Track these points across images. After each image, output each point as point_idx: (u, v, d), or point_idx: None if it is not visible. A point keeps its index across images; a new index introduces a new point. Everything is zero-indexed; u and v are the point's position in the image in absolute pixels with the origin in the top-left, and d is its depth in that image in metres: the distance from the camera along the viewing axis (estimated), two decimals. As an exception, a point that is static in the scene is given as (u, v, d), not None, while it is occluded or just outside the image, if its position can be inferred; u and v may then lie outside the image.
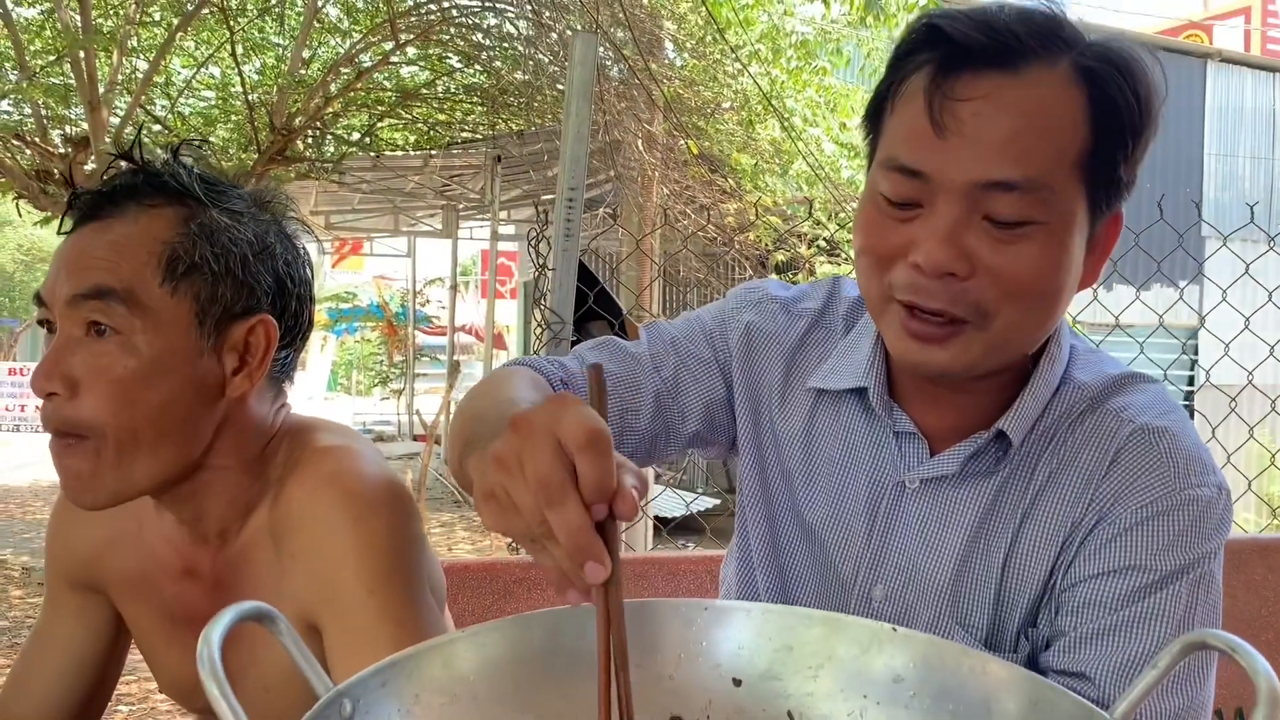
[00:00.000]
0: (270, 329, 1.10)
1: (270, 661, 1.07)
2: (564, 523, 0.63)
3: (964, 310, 0.92)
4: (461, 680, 0.76)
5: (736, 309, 1.19)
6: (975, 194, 0.89)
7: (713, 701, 0.81)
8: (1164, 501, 0.96)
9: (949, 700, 0.75)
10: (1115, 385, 1.05)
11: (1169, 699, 0.94)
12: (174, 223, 1.07)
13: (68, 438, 1.04)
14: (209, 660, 0.58)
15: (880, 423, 1.08)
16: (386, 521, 1.07)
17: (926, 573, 1.04)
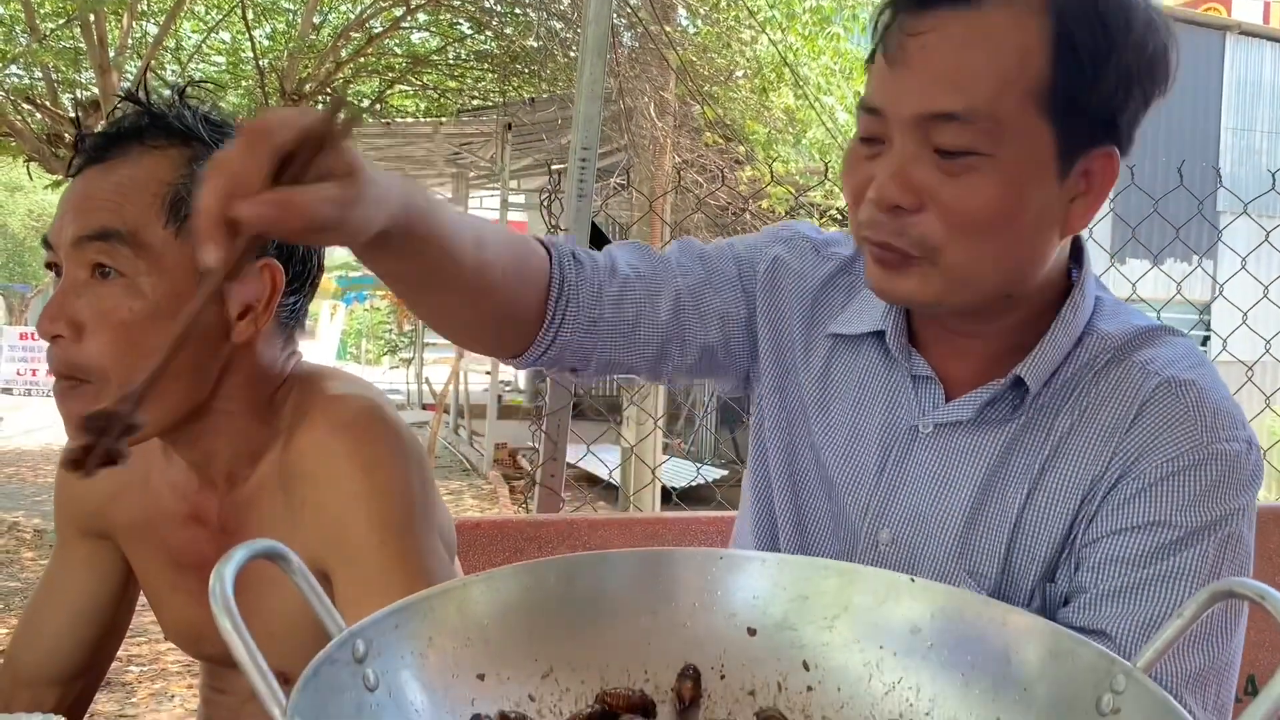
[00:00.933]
0: (276, 274, 1.09)
1: (276, 608, 1.07)
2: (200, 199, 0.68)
3: (908, 244, 0.92)
4: (475, 624, 0.75)
5: (768, 242, 1.18)
6: (922, 125, 0.90)
7: (727, 650, 0.80)
8: (1191, 455, 0.94)
9: (967, 651, 0.75)
10: (1142, 337, 1.02)
11: (1191, 658, 0.92)
12: (177, 163, 1.06)
13: (72, 380, 1.04)
14: (221, 596, 0.58)
15: (898, 367, 1.07)
16: (396, 469, 1.07)
17: (935, 518, 1.03)
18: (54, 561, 1.28)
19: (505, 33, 9.12)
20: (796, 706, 0.78)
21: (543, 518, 1.78)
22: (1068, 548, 0.99)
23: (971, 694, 0.73)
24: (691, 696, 0.78)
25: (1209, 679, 0.92)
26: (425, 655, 0.72)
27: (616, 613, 0.80)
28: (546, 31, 8.54)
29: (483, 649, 0.75)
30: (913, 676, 0.76)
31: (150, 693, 4.47)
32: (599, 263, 1.11)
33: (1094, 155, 0.93)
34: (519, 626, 0.77)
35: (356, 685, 0.66)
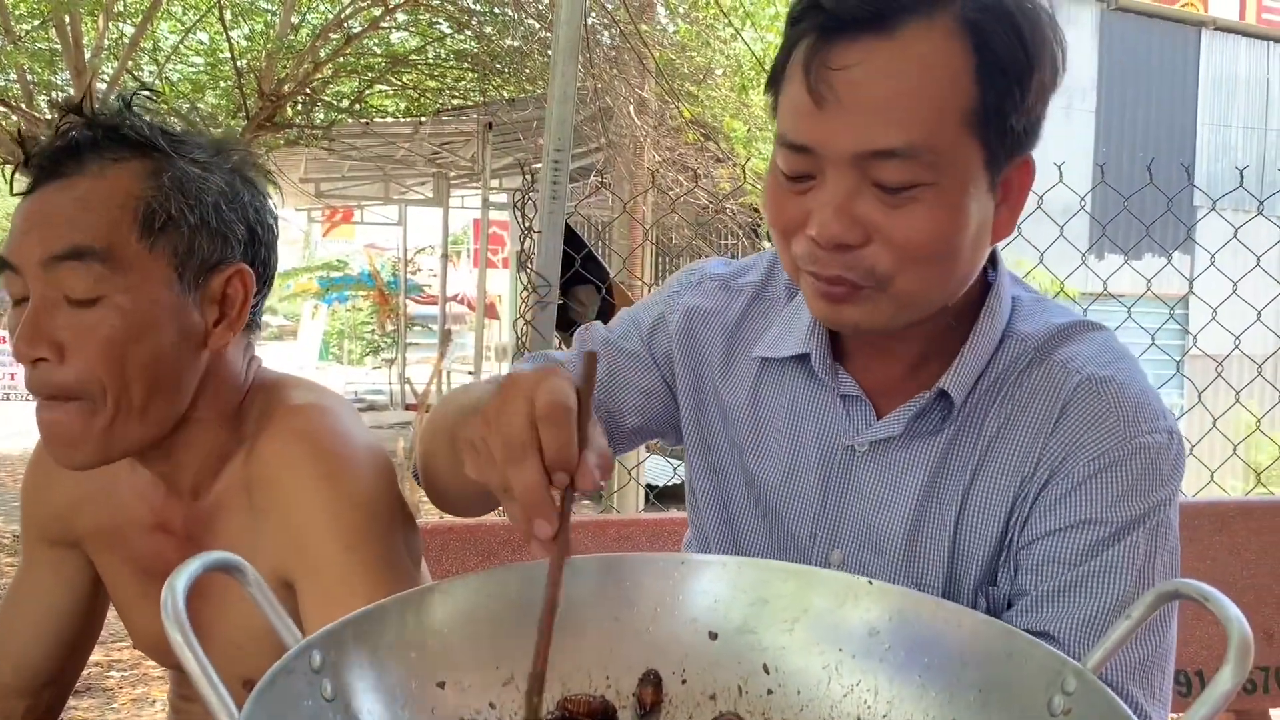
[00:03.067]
0: (247, 278, 1.10)
1: (240, 619, 1.07)
2: (520, 479, 0.70)
3: (859, 276, 0.92)
4: (435, 632, 0.76)
5: (676, 294, 1.18)
6: (860, 163, 0.88)
7: (688, 655, 0.81)
8: (1115, 452, 0.96)
9: (924, 653, 0.75)
10: (1061, 335, 1.03)
11: (1134, 650, 0.94)
12: (142, 175, 1.05)
13: (58, 399, 1.03)
14: (173, 608, 0.58)
15: (825, 387, 1.07)
16: (359, 478, 1.07)
17: (881, 534, 1.04)
18: (21, 571, 1.28)
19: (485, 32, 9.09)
20: (757, 710, 0.78)
21: (514, 521, 1.78)
22: (1005, 550, 1.01)
23: (928, 695, 0.74)
24: (653, 701, 0.78)
25: (1152, 669, 0.95)
26: (384, 664, 0.72)
27: (578, 618, 0.80)
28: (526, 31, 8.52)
29: (443, 657, 0.75)
30: (871, 679, 0.77)
31: (131, 698, 4.44)
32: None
33: (1014, 164, 0.95)
34: (479, 634, 0.77)
35: (314, 696, 0.66)
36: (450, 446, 0.96)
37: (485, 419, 0.74)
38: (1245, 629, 0.58)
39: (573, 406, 0.71)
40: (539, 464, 0.70)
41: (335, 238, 20.73)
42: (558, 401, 0.71)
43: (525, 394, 0.72)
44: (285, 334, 26.14)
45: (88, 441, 1.03)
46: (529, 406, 0.71)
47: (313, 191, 13.74)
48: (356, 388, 15.79)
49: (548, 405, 0.71)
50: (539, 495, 0.70)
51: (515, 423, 0.71)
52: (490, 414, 0.74)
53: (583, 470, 0.71)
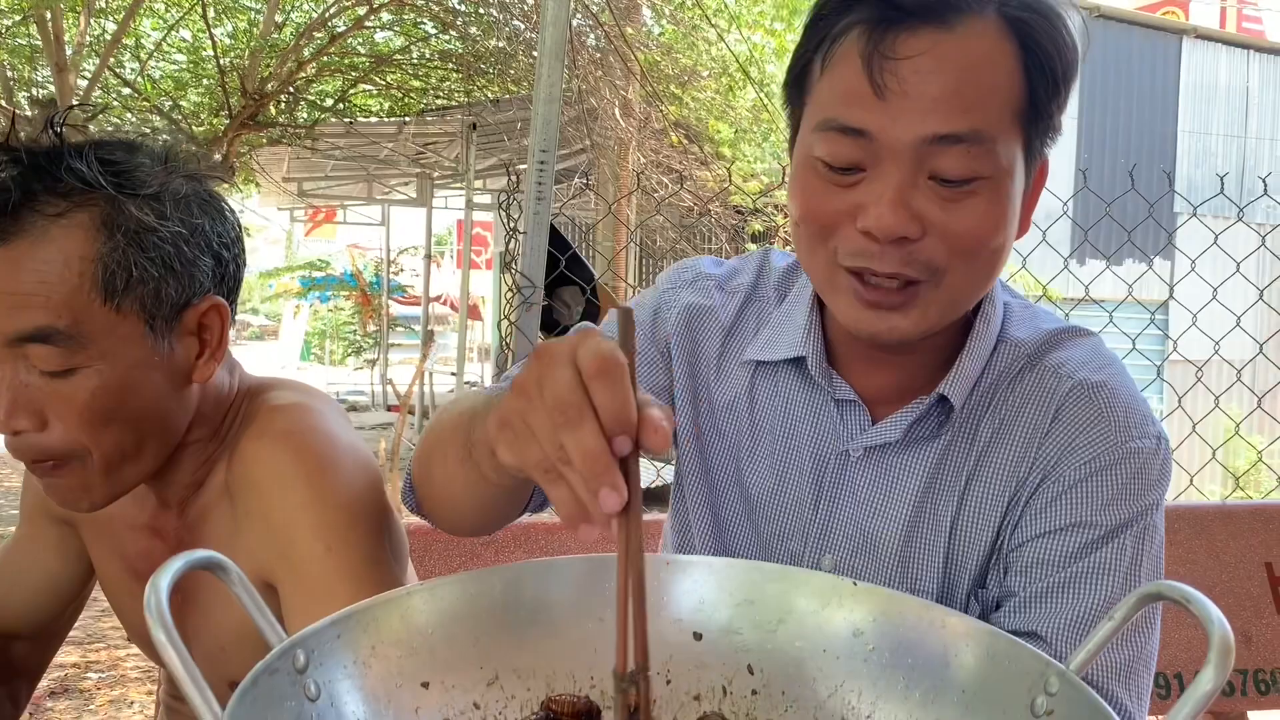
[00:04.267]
0: (222, 311, 1.07)
1: (226, 621, 1.06)
2: (579, 445, 0.60)
3: (917, 270, 0.91)
4: (419, 633, 0.75)
5: (672, 290, 1.17)
6: (922, 152, 0.88)
7: (674, 655, 0.80)
8: (1106, 456, 0.98)
9: (908, 654, 0.75)
10: (1051, 340, 1.05)
11: (1118, 652, 0.95)
12: (90, 231, 0.98)
13: (48, 463, 1.01)
14: (156, 608, 0.57)
15: (819, 391, 1.07)
16: (341, 477, 1.06)
17: (875, 540, 1.04)
18: (19, 541, 1.27)
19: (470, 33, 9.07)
20: (742, 710, 0.78)
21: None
22: (996, 553, 1.01)
23: (912, 696, 0.74)
24: (637, 703, 0.78)
25: (1136, 670, 0.96)
26: (368, 664, 0.71)
27: (563, 619, 0.80)
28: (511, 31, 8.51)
29: (427, 657, 0.75)
30: (855, 680, 0.77)
31: (109, 699, 4.41)
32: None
33: (1041, 161, 0.97)
34: (464, 634, 0.77)
35: (297, 695, 0.66)
36: (463, 451, 0.88)
37: (521, 392, 0.64)
38: (1226, 630, 0.58)
39: (624, 360, 0.62)
40: (597, 426, 0.60)
41: (318, 237, 20.64)
42: (608, 355, 0.61)
43: (565, 356, 0.62)
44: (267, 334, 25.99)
45: (89, 492, 1.03)
46: (573, 369, 0.62)
47: (295, 191, 13.68)
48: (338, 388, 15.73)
49: (597, 361, 0.61)
50: (603, 460, 0.60)
51: (562, 385, 0.61)
52: (527, 385, 0.64)
53: (650, 425, 0.61)
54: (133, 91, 9.66)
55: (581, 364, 0.61)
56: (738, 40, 6.79)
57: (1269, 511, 1.92)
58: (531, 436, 0.63)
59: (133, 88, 9.71)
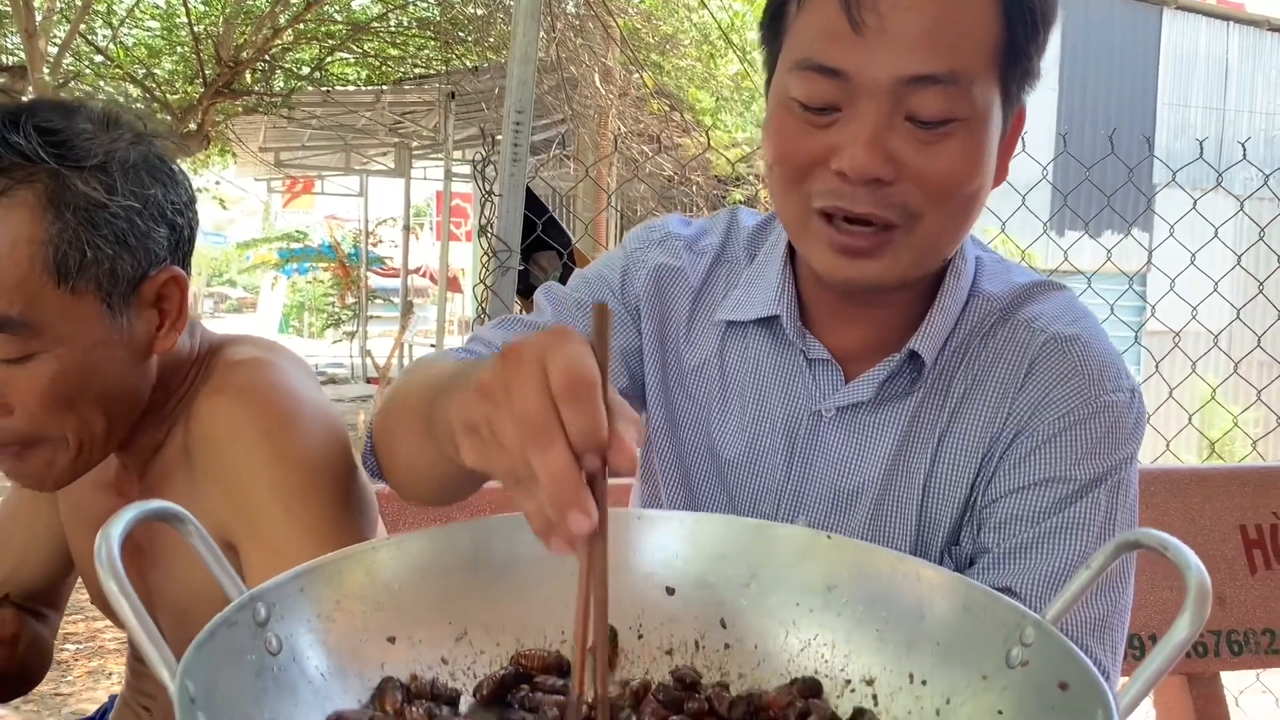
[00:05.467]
0: (181, 281, 1.03)
1: (186, 582, 1.04)
2: (548, 468, 0.57)
3: (892, 214, 0.90)
4: (385, 588, 0.74)
5: (641, 249, 1.14)
6: (898, 91, 0.87)
7: (645, 610, 0.79)
8: (1080, 411, 0.97)
9: (882, 607, 0.75)
10: (1024, 294, 1.04)
11: (1092, 606, 0.95)
12: (37, 211, 0.93)
13: (16, 447, 0.99)
14: (107, 557, 0.55)
15: (791, 351, 1.05)
16: (302, 436, 1.02)
17: (848, 500, 1.04)
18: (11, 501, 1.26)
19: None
20: (714, 665, 0.77)
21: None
22: (969, 510, 1.01)
23: (886, 649, 0.73)
24: (609, 657, 0.77)
25: (1112, 625, 0.96)
26: (332, 619, 0.70)
27: (533, 574, 0.78)
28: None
29: (393, 612, 0.73)
30: (828, 633, 0.76)
31: (87, 670, 4.39)
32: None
33: (1019, 108, 0.95)
34: (431, 590, 0.75)
35: (258, 649, 0.64)
36: (425, 426, 0.86)
37: (487, 396, 0.61)
38: (1204, 577, 0.57)
39: (597, 376, 0.58)
40: (567, 448, 0.57)
41: (295, 208, 20.47)
42: (579, 373, 0.58)
43: (535, 364, 0.59)
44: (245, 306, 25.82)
45: (53, 474, 1.01)
46: (542, 379, 0.58)
47: (272, 161, 13.54)
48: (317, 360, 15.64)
49: (568, 379, 0.57)
50: (572, 484, 0.57)
51: (530, 401, 0.58)
52: (494, 389, 0.60)
53: (619, 446, 0.58)
54: (105, 59, 9.51)
55: (552, 380, 0.58)
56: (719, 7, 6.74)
57: (1244, 475, 1.93)
58: (499, 446, 0.60)
59: (105, 55, 9.56)
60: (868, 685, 0.73)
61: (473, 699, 0.73)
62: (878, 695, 0.72)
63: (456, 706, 0.71)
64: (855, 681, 0.74)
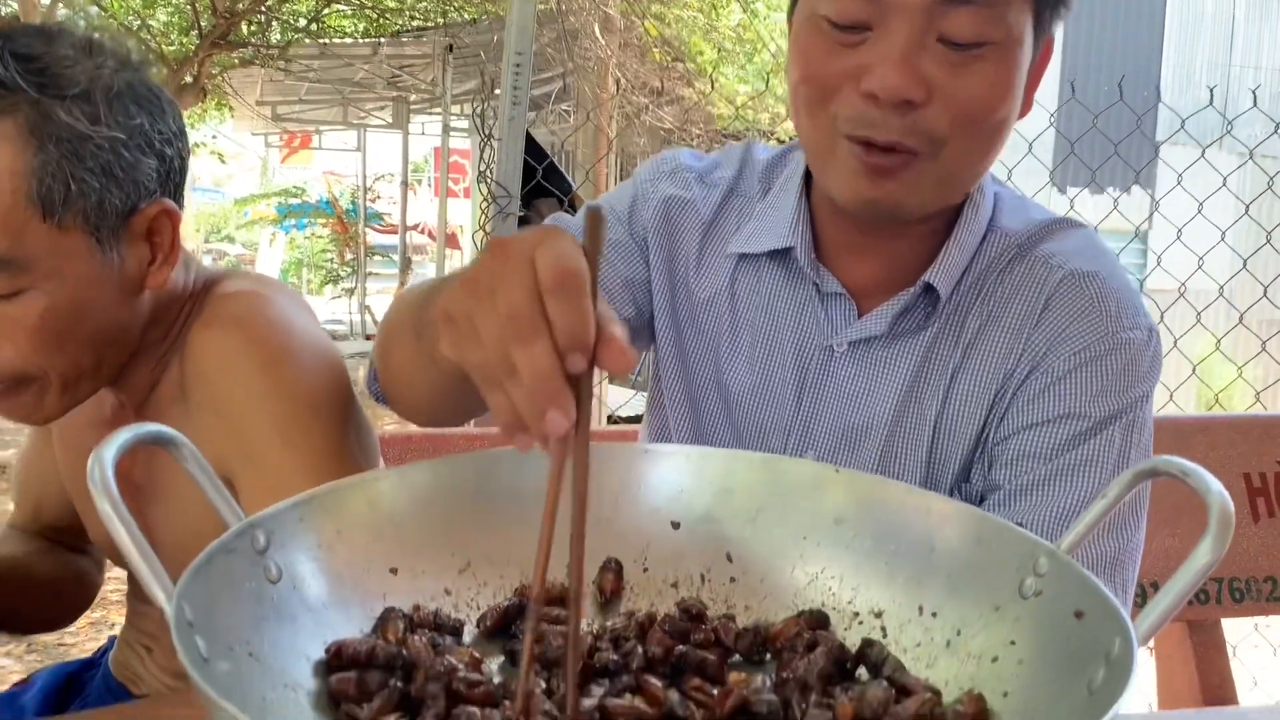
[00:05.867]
0: (172, 214, 1.00)
1: (186, 521, 1.03)
2: (529, 362, 0.54)
3: (917, 141, 0.88)
4: (387, 518, 0.72)
5: (651, 181, 1.12)
6: (932, 10, 0.85)
7: (650, 544, 0.78)
8: (1096, 347, 0.95)
9: (891, 540, 0.73)
10: (1043, 231, 1.02)
11: (1104, 543, 0.94)
12: (18, 143, 0.90)
13: (2, 384, 0.97)
14: (101, 479, 0.54)
15: (803, 285, 1.04)
16: (298, 368, 1.00)
17: (857, 436, 1.02)
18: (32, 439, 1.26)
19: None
20: (720, 598, 0.76)
21: (477, 430, 1.75)
22: (981, 447, 0.99)
23: (895, 582, 0.72)
24: (613, 589, 0.76)
25: (1122, 563, 0.95)
26: (333, 549, 0.69)
27: (536, 507, 0.76)
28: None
29: (396, 543, 0.72)
30: (836, 566, 0.75)
31: (89, 621, 4.41)
32: None
33: (1047, 37, 0.94)
34: (434, 521, 0.74)
35: (257, 577, 0.63)
36: (415, 332, 0.85)
37: (470, 288, 0.58)
38: (1227, 502, 0.56)
39: (586, 273, 0.56)
40: (550, 343, 0.55)
41: (293, 164, 20.33)
42: (568, 267, 0.55)
43: (522, 257, 0.56)
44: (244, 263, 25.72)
45: (43, 410, 1.00)
46: (529, 273, 0.55)
47: (269, 115, 13.42)
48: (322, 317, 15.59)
49: (556, 272, 0.55)
50: (554, 380, 0.54)
51: (515, 293, 0.55)
52: (477, 282, 0.57)
53: (610, 344, 0.55)
54: (99, 8, 9.39)
55: (540, 273, 0.55)
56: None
57: (1247, 424, 1.92)
58: (476, 339, 0.57)
59: (99, 4, 9.44)
60: (876, 618, 0.72)
61: (476, 630, 0.72)
62: (886, 628, 0.71)
63: (460, 637, 0.70)
64: (863, 614, 0.73)
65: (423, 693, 0.60)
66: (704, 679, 0.68)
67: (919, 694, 0.62)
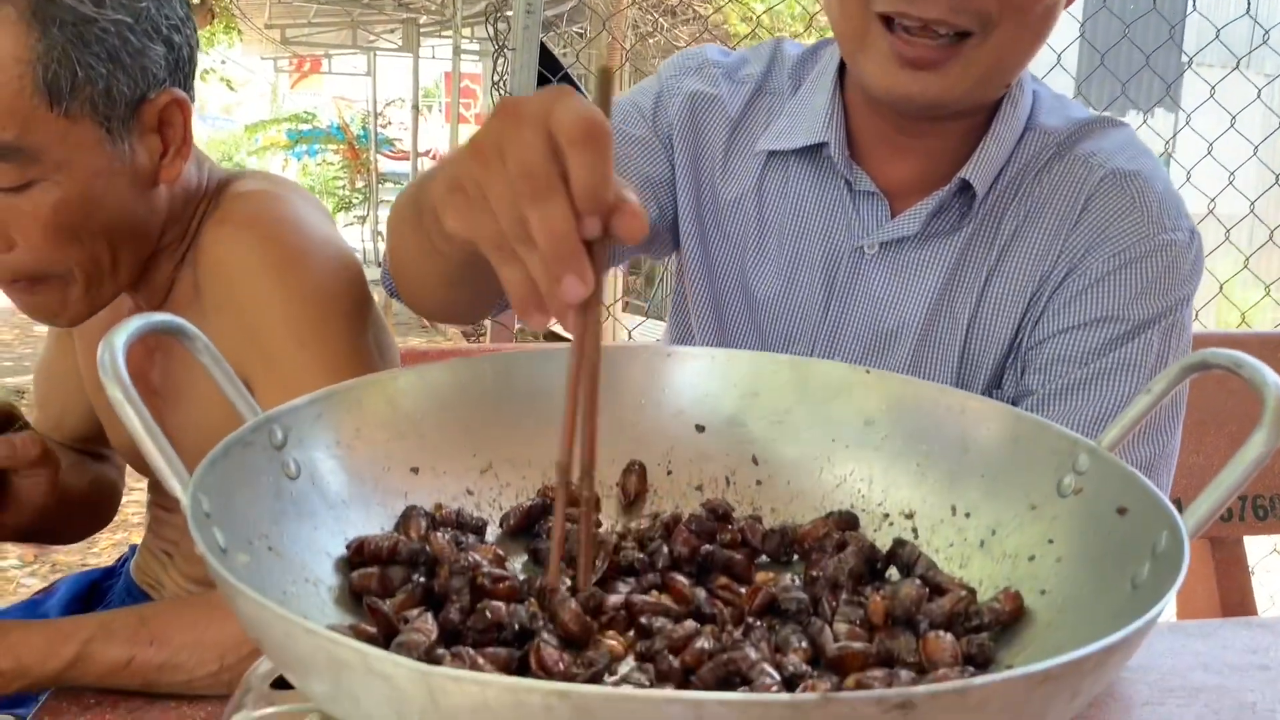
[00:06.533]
0: (183, 104, 0.98)
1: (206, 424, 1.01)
2: (545, 222, 0.50)
3: (967, 19, 0.84)
4: (407, 418, 0.71)
5: (676, 77, 1.08)
6: None
7: (674, 447, 0.77)
8: (1138, 248, 0.93)
9: (922, 441, 0.72)
10: (1083, 129, 0.99)
11: (1140, 448, 0.92)
12: (20, 27, 0.87)
13: (22, 282, 0.95)
14: (111, 364, 0.52)
15: (834, 184, 1.00)
16: (313, 268, 0.98)
17: (887, 341, 1.00)
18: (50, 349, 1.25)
19: None
20: (745, 500, 0.75)
21: (491, 347, 1.73)
22: (1014, 351, 0.97)
23: (926, 482, 0.71)
24: (637, 491, 0.75)
25: (1157, 469, 0.93)
26: (352, 446, 0.67)
27: (557, 408, 0.74)
28: None
29: (416, 442, 0.71)
30: (865, 468, 0.73)
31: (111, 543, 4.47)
32: None
33: None
34: (455, 422, 0.73)
35: (275, 472, 0.62)
36: (416, 218, 0.81)
37: (478, 153, 0.53)
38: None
39: (609, 128, 0.51)
40: (568, 203, 0.50)
41: (303, 89, 20.11)
42: (594, 119, 0.50)
43: (536, 116, 0.51)
44: (254, 190, 25.52)
45: (68, 309, 0.98)
46: (543, 130, 0.51)
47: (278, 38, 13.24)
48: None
49: (581, 125, 0.50)
50: (571, 242, 0.50)
51: (531, 150, 0.50)
52: (486, 145, 0.52)
53: (627, 209, 0.51)
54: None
55: (560, 127, 0.51)
56: None
57: (1275, 340, 1.88)
58: (486, 206, 0.53)
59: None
60: (907, 519, 0.71)
61: (500, 529, 0.71)
62: (918, 528, 0.70)
63: (483, 536, 0.69)
64: (894, 516, 0.71)
65: (446, 588, 0.59)
66: (731, 578, 0.67)
67: (954, 591, 0.61)
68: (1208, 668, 0.91)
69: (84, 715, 0.84)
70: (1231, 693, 0.86)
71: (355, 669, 0.38)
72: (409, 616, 0.56)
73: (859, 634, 0.59)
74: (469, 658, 0.50)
